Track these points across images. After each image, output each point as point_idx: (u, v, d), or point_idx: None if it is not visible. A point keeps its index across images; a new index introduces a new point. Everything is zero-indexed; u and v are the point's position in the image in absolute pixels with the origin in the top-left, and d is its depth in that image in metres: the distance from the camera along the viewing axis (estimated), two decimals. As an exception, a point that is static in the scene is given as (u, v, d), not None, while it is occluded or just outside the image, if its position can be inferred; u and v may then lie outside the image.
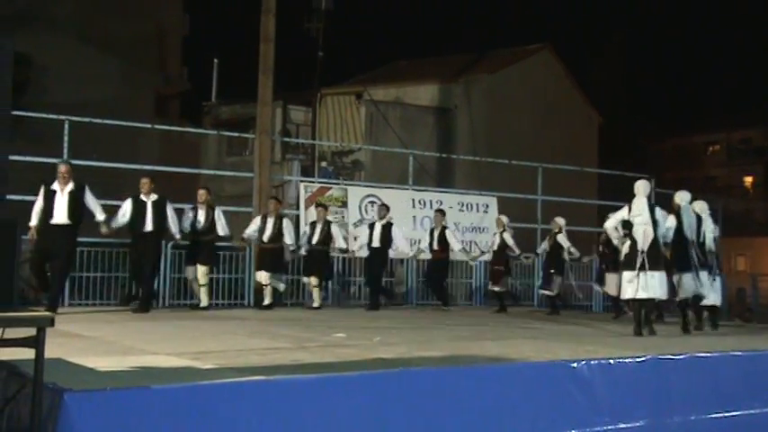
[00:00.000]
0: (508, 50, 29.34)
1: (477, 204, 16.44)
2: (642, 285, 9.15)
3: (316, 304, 12.92)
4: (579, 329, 10.16)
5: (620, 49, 50.77)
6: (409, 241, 14.52)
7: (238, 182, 18.07)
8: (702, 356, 6.78)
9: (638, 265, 9.16)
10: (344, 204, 14.93)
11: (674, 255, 9.89)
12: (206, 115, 27.31)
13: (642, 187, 9.65)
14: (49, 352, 3.98)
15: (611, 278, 12.77)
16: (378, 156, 22.10)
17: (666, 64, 60.57)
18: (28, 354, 3.85)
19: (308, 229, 13.25)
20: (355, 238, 14.19)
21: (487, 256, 14.80)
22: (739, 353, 7.15)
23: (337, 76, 26.94)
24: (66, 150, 12.29)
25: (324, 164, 22.31)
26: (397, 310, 13.79)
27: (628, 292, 9.38)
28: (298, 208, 14.96)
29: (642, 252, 9.20)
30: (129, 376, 4.95)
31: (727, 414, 6.42)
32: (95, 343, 6.90)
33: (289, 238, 12.68)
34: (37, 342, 3.79)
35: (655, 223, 9.35)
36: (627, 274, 9.34)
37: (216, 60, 27.76)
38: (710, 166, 50.48)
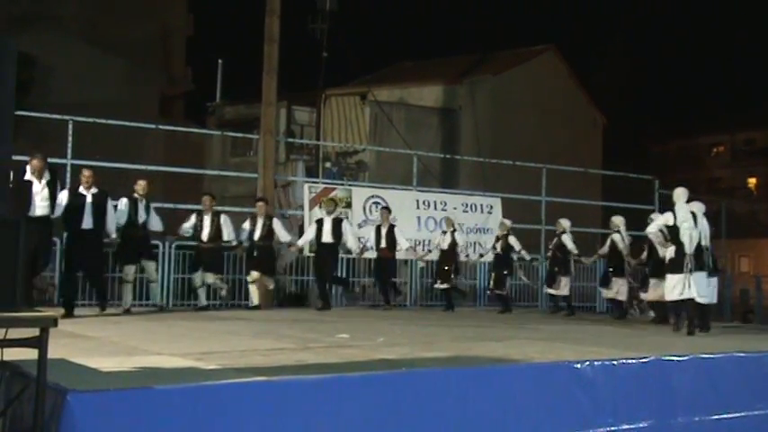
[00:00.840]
0: (512, 52, 29.33)
1: (482, 205, 16.43)
2: (688, 287, 9.73)
3: (253, 303, 12.36)
4: (582, 330, 10.14)
5: (624, 51, 50.72)
6: (358, 239, 14.11)
7: (242, 182, 18.10)
8: (706, 358, 6.77)
9: (685, 269, 9.75)
10: (348, 205, 14.93)
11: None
12: (210, 116, 27.36)
13: (683, 194, 10.21)
14: (53, 352, 3.99)
15: (617, 282, 12.88)
16: (382, 156, 22.10)
17: (670, 65, 60.47)
18: (31, 354, 3.85)
19: (248, 224, 12.56)
20: (360, 239, 14.20)
21: (433, 255, 14.45)
22: (743, 354, 7.14)
23: (342, 77, 26.94)
24: (69, 151, 12.31)
25: (328, 164, 22.31)
26: (402, 310, 13.79)
27: (674, 294, 9.91)
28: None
29: (689, 255, 9.79)
30: (132, 377, 4.95)
31: (730, 415, 6.41)
32: (99, 343, 6.91)
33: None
34: (40, 342, 3.79)
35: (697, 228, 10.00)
36: (675, 277, 9.88)
37: (220, 61, 27.80)
38: (714, 168, 50.41)
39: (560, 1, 69.79)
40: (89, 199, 10.13)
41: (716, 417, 6.36)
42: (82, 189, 10.21)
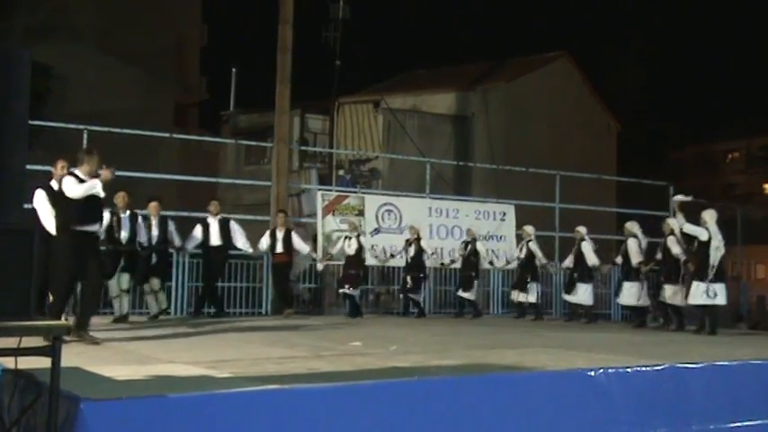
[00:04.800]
0: (526, 58, 29.32)
1: (495, 212, 16.40)
2: (711, 294, 11.17)
3: (153, 311, 11.44)
4: (597, 338, 10.10)
5: (638, 56, 50.65)
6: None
7: (256, 190, 18.15)
8: (721, 365, 6.71)
9: (709, 278, 11.15)
10: (361, 213, 14.94)
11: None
12: (224, 124, 27.50)
13: (714, 215, 11.60)
14: (67, 361, 4.00)
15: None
16: (395, 164, 22.12)
17: (686, 71, 60.24)
18: (45, 363, 3.88)
19: (142, 224, 11.65)
20: (373, 247, 14.26)
21: (319, 266, 14.28)
22: (758, 361, 7.08)
23: (355, 85, 27.02)
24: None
25: (341, 172, 22.36)
26: (407, 319, 13.77)
27: (699, 299, 11.26)
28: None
29: (713, 267, 11.24)
30: (145, 385, 4.97)
31: (745, 423, 6.35)
32: (113, 352, 6.94)
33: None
34: (53, 351, 3.81)
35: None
36: (701, 285, 11.20)
37: (234, 70, 27.99)
38: (730, 174, 50.17)
39: (573, 7, 69.72)
40: None
41: (732, 425, 6.30)
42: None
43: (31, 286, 3.74)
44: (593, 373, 5.84)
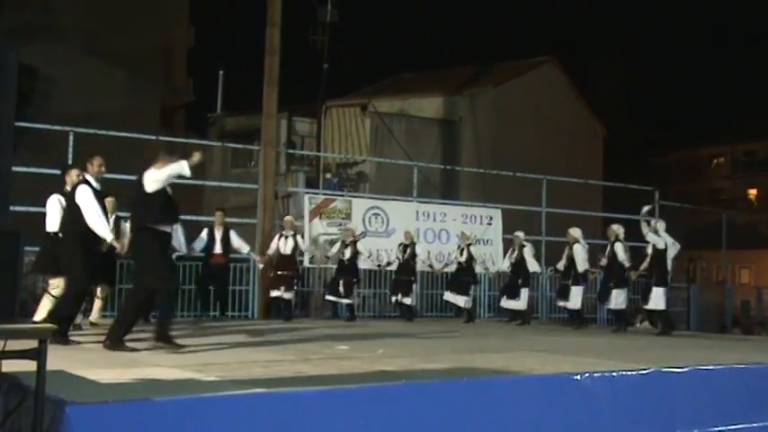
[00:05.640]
0: (512, 63, 29.39)
1: (482, 216, 16.44)
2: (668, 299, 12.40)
3: (92, 318, 10.36)
4: (583, 342, 10.13)
5: (624, 62, 50.81)
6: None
7: (243, 193, 18.11)
8: (706, 369, 6.76)
9: (669, 284, 12.39)
10: (348, 216, 14.94)
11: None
12: (211, 127, 27.40)
13: (664, 225, 12.58)
14: (52, 364, 3.98)
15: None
16: (382, 167, 22.12)
17: (671, 77, 60.59)
18: (30, 366, 3.85)
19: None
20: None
21: (260, 266, 13.74)
22: (742, 366, 7.13)
23: (342, 88, 26.99)
24: (70, 161, 12.33)
25: (328, 175, 22.34)
26: (396, 322, 13.78)
27: (661, 304, 12.25)
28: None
29: (669, 273, 12.49)
30: (131, 388, 4.94)
31: (730, 427, 6.39)
32: (98, 355, 6.90)
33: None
34: (38, 354, 3.79)
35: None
36: (661, 290, 12.19)
37: (221, 72, 27.88)
38: (715, 179, 50.49)
39: (560, 13, 70.02)
40: None
41: (716, 429, 6.34)
42: None
43: (17, 289, 3.72)
44: (579, 377, 5.87)
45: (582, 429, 5.71)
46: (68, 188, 8.46)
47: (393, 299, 14.23)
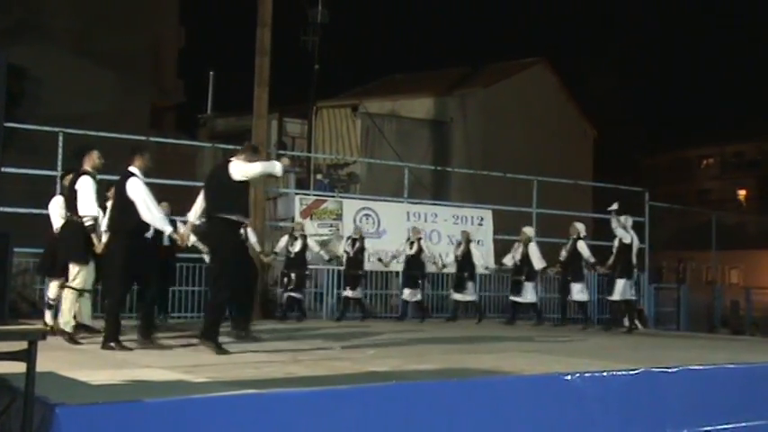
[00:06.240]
0: (503, 64, 29.45)
1: (472, 217, 16.47)
2: (632, 290, 13.09)
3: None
4: (574, 342, 10.15)
5: (614, 63, 51.01)
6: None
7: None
8: (696, 369, 6.79)
9: (634, 277, 12.93)
10: (339, 217, 14.93)
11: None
12: (201, 127, 27.36)
13: (630, 220, 13.12)
14: (42, 365, 3.96)
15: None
16: (373, 168, 22.13)
17: (661, 78, 60.84)
18: (19, 367, 3.83)
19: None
20: (345, 251, 14.24)
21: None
22: (732, 365, 7.16)
23: (333, 89, 27.03)
24: (60, 162, 12.29)
25: (319, 176, 22.32)
26: (390, 323, 13.77)
27: (627, 295, 12.82)
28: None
29: (634, 266, 13.13)
30: (121, 390, 4.93)
31: (719, 427, 6.42)
32: (89, 356, 6.88)
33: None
34: (28, 355, 3.77)
35: None
36: (627, 282, 12.75)
37: (211, 73, 27.87)
38: (704, 180, 50.70)
39: (551, 14, 70.20)
40: None
41: (706, 428, 6.36)
42: None
43: (5, 290, 3.70)
44: (569, 377, 5.88)
45: (572, 429, 5.72)
46: (86, 167, 8.22)
47: (343, 294, 14.19)
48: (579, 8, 70.10)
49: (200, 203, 7.67)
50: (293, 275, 13.18)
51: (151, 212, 7.39)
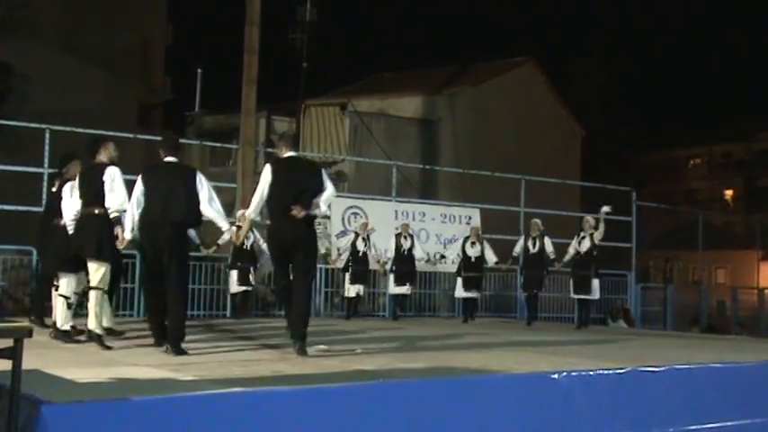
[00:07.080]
0: (492, 63, 29.49)
1: (460, 216, 16.47)
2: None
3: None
4: (562, 340, 10.18)
5: (603, 63, 51.11)
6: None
7: (221, 192, 17.96)
8: (681, 369, 6.82)
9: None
10: (326, 215, 14.90)
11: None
12: (189, 125, 27.26)
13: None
14: (28, 363, 3.94)
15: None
16: (361, 167, 22.11)
17: (649, 78, 61.08)
18: (5, 365, 3.81)
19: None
20: (338, 249, 14.20)
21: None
22: (718, 365, 7.20)
23: (321, 88, 26.98)
24: (46, 159, 12.22)
25: (307, 175, 22.24)
26: (380, 321, 13.78)
27: (597, 294, 13.27)
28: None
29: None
30: (108, 388, 4.91)
31: (705, 426, 6.45)
32: (75, 354, 6.85)
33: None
34: (14, 353, 3.75)
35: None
36: (597, 282, 13.16)
37: (199, 71, 27.76)
38: (692, 180, 50.97)
39: (539, 13, 70.34)
40: None
41: (691, 427, 6.39)
42: None
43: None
44: (557, 376, 5.90)
45: (559, 428, 5.74)
46: (103, 159, 7.99)
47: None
48: (568, 7, 70.27)
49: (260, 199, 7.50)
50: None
51: (216, 207, 7.33)
